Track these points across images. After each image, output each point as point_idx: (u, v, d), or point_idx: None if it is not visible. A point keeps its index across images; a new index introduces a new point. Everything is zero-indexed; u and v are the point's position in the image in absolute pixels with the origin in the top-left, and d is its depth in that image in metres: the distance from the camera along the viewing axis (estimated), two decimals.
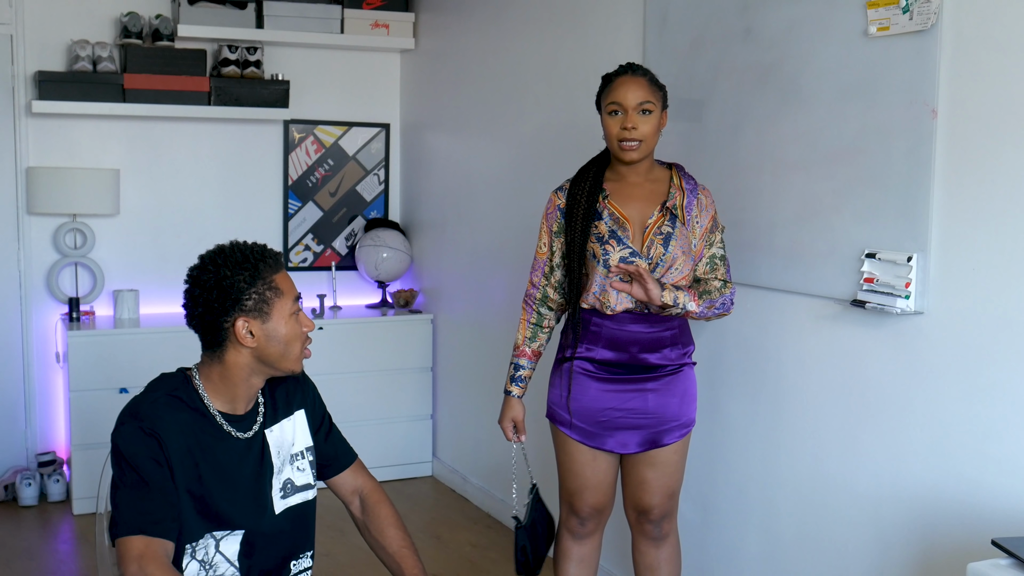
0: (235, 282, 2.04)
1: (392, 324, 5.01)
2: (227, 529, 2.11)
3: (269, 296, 2.08)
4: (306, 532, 2.27)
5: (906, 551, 2.49)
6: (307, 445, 2.26)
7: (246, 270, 2.06)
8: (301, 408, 2.26)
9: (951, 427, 2.38)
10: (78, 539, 4.23)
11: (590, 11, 3.70)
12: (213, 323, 2.06)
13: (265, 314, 2.07)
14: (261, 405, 2.20)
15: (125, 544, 1.95)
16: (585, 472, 2.81)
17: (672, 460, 2.80)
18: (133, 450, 1.99)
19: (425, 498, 4.81)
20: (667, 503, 2.83)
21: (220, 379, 2.11)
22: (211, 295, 2.05)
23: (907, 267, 2.42)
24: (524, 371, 2.89)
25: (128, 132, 4.82)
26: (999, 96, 2.23)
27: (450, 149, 4.86)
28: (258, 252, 2.11)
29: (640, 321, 2.72)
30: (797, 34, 2.74)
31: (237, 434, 2.13)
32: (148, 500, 1.98)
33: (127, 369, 4.42)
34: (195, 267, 2.10)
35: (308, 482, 2.25)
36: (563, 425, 2.81)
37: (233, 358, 2.09)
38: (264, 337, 2.07)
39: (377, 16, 5.07)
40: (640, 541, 2.90)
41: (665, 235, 2.68)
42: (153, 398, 2.07)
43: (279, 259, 2.15)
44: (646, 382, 2.75)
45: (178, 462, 2.02)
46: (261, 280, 2.07)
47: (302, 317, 2.13)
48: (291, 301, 2.11)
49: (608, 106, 2.69)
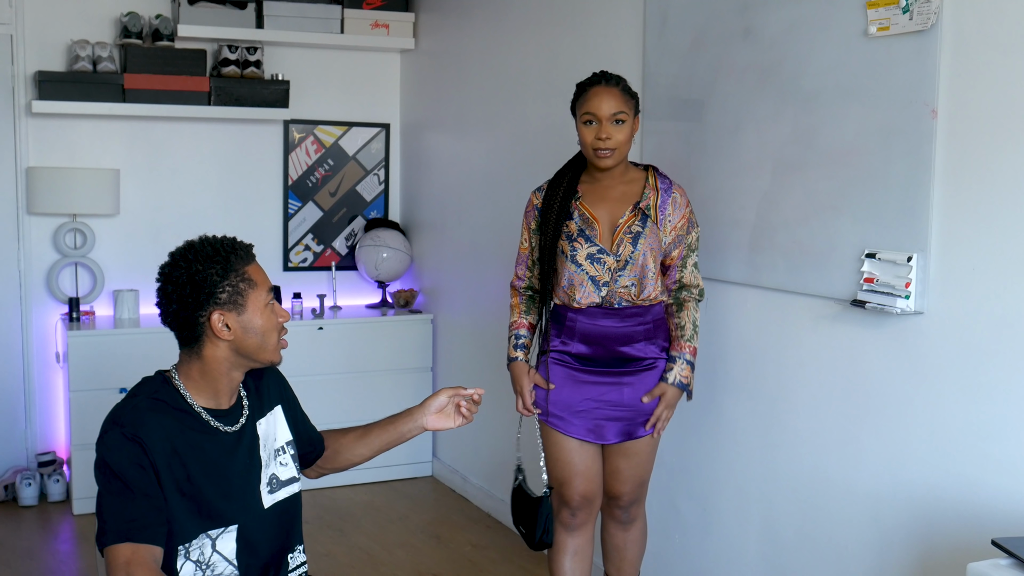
0: (208, 276, 2.05)
1: (392, 324, 5.01)
2: (222, 526, 2.11)
3: (243, 288, 2.08)
4: (295, 525, 2.28)
5: (906, 551, 2.49)
6: (288, 439, 2.28)
7: (218, 263, 2.07)
8: (279, 403, 2.29)
9: (951, 427, 2.38)
10: (78, 539, 4.23)
11: (590, 11, 3.70)
12: (188, 319, 2.07)
13: (240, 306, 2.07)
14: (245, 398, 2.21)
15: (112, 552, 1.94)
16: (574, 460, 2.90)
17: (645, 451, 2.93)
18: (116, 457, 1.99)
19: (425, 498, 4.81)
20: (637, 491, 2.98)
21: (200, 375, 2.11)
22: (184, 291, 2.05)
23: (907, 267, 2.42)
24: (524, 339, 3.01)
25: (128, 132, 4.83)
26: (999, 96, 2.23)
27: (450, 149, 4.86)
28: (228, 245, 2.11)
29: (611, 316, 2.83)
30: (797, 34, 2.74)
31: (224, 428, 2.13)
32: (133, 507, 1.97)
33: (127, 369, 4.40)
34: (166, 264, 2.11)
35: (293, 475, 2.27)
36: (547, 416, 2.91)
37: (211, 352, 2.09)
38: (240, 329, 2.08)
39: (377, 16, 5.07)
40: (609, 524, 3.07)
41: (635, 234, 2.80)
42: (134, 403, 2.06)
43: (250, 251, 2.15)
44: (622, 376, 2.86)
45: (164, 464, 2.02)
46: (234, 272, 2.08)
47: (277, 307, 2.14)
48: (265, 292, 2.12)
49: (583, 115, 2.81)
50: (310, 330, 4.83)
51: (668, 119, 3.24)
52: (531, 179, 4.00)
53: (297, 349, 4.75)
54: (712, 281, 3.07)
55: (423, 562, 4.00)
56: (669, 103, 3.23)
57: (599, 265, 2.80)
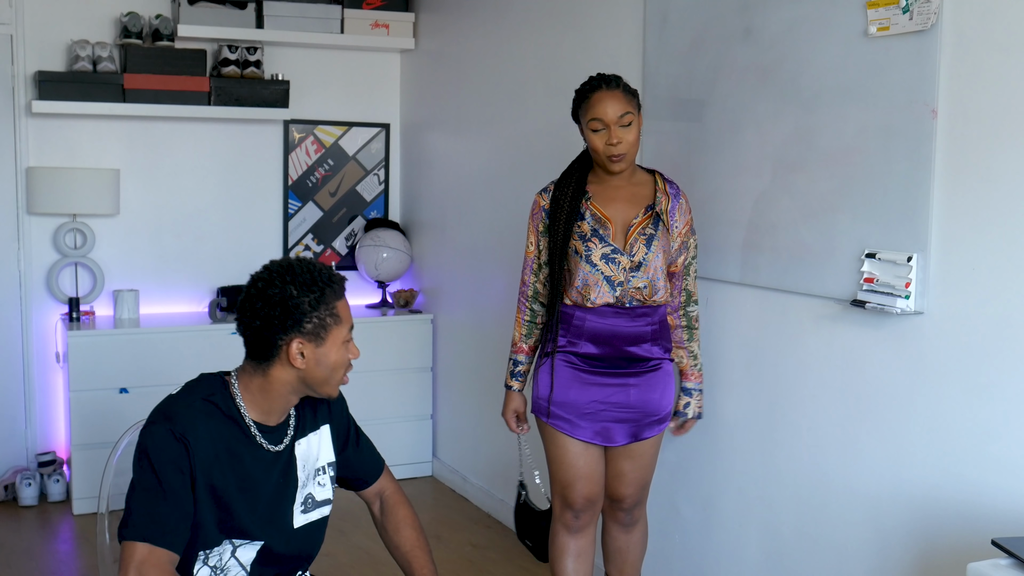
0: (300, 303, 2.02)
1: (392, 324, 5.01)
2: (247, 539, 2.10)
3: (329, 322, 2.06)
4: (317, 545, 2.27)
5: (906, 551, 2.49)
6: (329, 460, 2.25)
7: (313, 293, 2.04)
8: (327, 423, 2.26)
9: (951, 427, 2.38)
10: (78, 539, 4.23)
11: (590, 11, 3.70)
12: (269, 338, 2.04)
13: (321, 339, 2.05)
14: (292, 419, 2.19)
15: (130, 547, 1.95)
16: (578, 463, 2.89)
17: (649, 453, 2.94)
18: (158, 453, 1.98)
19: (425, 498, 4.81)
20: (640, 493, 2.99)
21: (259, 391, 2.09)
22: (274, 311, 2.02)
23: (907, 267, 2.42)
24: (522, 366, 3.02)
25: (128, 132, 4.82)
26: (999, 96, 2.23)
27: (450, 149, 4.86)
28: (326, 276, 2.09)
29: (622, 315, 2.83)
30: (797, 34, 2.74)
31: (268, 446, 2.12)
32: (161, 508, 1.97)
33: (127, 369, 4.42)
34: (260, 277, 2.07)
35: (328, 497, 2.25)
36: (551, 418, 2.89)
37: (278, 374, 2.07)
38: (314, 361, 2.06)
39: (377, 16, 5.07)
40: (611, 526, 3.06)
41: (648, 236, 2.80)
42: (189, 401, 2.05)
43: (343, 286, 2.13)
44: (628, 377, 2.86)
45: (204, 470, 2.01)
46: (325, 305, 2.05)
47: (352, 346, 2.13)
48: (347, 329, 2.10)
49: (590, 123, 2.78)
50: None
51: (668, 119, 3.24)
52: (531, 179, 4.00)
53: None
54: (712, 281, 3.07)
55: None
56: (669, 103, 3.23)
57: (614, 265, 2.79)
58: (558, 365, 2.87)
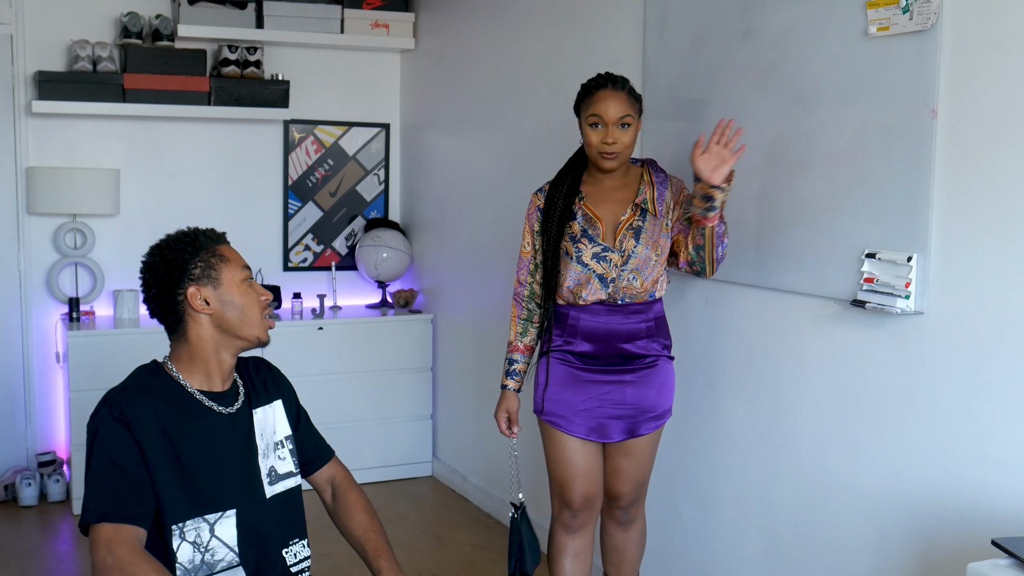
0: (178, 255, 2.14)
1: (392, 324, 5.01)
2: (217, 511, 2.13)
3: (215, 263, 2.16)
4: (297, 518, 2.31)
5: (906, 551, 2.49)
6: (287, 434, 2.32)
7: (187, 243, 2.16)
8: (279, 398, 2.33)
9: (951, 427, 2.38)
10: (78, 539, 4.23)
11: (590, 11, 3.70)
12: (168, 299, 2.14)
13: (215, 279, 2.15)
14: (240, 385, 2.26)
15: (95, 531, 1.99)
16: (575, 460, 2.90)
17: (646, 450, 2.94)
18: (102, 437, 2.06)
19: (425, 498, 4.81)
20: (637, 491, 2.99)
21: (190, 358, 2.17)
22: (159, 272, 2.14)
23: (907, 267, 2.42)
24: (518, 365, 3.01)
25: (128, 132, 4.83)
26: (999, 96, 2.23)
27: (450, 149, 4.86)
28: (198, 229, 2.21)
29: (615, 312, 2.84)
30: (797, 34, 2.74)
31: (220, 409, 2.18)
32: (115, 487, 2.02)
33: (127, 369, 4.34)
34: (143, 260, 2.20)
35: (291, 470, 2.30)
36: (549, 416, 2.90)
37: (195, 331, 2.16)
38: (219, 302, 2.15)
39: (377, 16, 5.07)
40: (609, 524, 3.06)
41: (636, 229, 2.82)
42: (124, 385, 2.15)
43: (222, 235, 2.23)
44: (624, 374, 2.86)
45: (151, 445, 2.06)
46: (204, 249, 2.16)
47: (256, 285, 2.21)
48: (239, 268, 2.18)
49: (589, 118, 2.81)
50: (310, 330, 4.83)
51: (668, 119, 3.24)
52: (531, 179, 4.00)
53: (297, 349, 4.76)
54: (712, 281, 3.07)
55: (423, 562, 4.00)
56: (669, 103, 3.23)
57: (606, 263, 2.81)
58: (554, 364, 2.89)
